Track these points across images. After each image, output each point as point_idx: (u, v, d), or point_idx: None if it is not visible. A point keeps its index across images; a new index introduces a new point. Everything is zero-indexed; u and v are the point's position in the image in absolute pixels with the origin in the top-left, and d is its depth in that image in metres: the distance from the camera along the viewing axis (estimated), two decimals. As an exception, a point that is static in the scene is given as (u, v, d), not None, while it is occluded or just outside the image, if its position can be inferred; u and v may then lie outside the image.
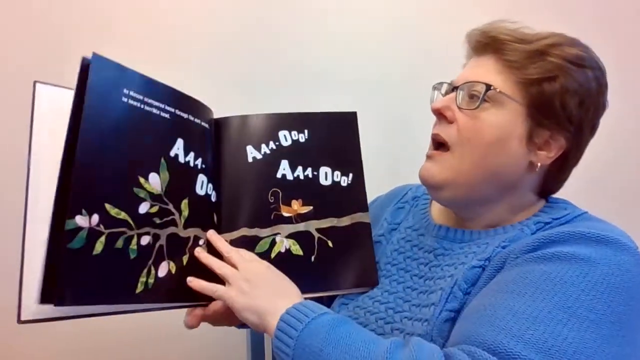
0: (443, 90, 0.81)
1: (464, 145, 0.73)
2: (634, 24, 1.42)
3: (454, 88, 0.76)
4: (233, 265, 0.74)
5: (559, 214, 0.73)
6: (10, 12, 1.08)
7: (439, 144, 0.77)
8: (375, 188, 0.89)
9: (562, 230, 0.65)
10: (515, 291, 0.59)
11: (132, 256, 0.66)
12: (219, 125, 0.85)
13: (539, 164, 0.73)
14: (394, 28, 1.32)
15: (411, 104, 1.30)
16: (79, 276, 0.60)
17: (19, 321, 0.58)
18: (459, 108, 0.74)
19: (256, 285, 0.70)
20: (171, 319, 1.11)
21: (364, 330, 0.64)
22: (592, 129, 0.75)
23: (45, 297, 0.58)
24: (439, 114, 0.76)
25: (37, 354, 1.12)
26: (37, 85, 0.65)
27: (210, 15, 1.21)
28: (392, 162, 1.26)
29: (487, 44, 0.74)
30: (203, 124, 0.81)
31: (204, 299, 0.74)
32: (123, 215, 0.66)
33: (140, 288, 0.67)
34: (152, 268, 0.69)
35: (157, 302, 0.69)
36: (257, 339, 1.12)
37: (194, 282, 0.73)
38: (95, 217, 0.62)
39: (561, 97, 0.69)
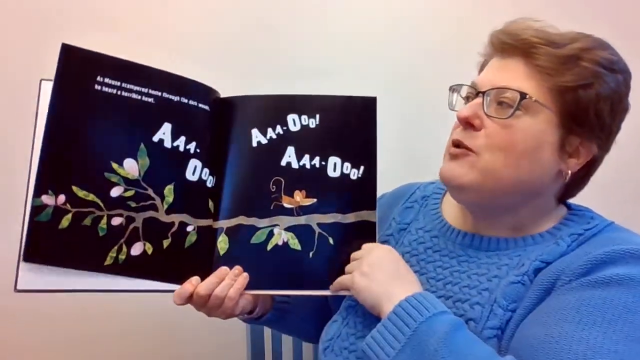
0: (463, 93, 0.75)
1: (494, 153, 0.67)
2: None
3: (478, 92, 0.70)
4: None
5: (588, 224, 0.70)
6: (10, 10, 1.07)
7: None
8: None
9: (609, 249, 0.62)
10: (583, 321, 0.57)
11: (101, 234, 0.70)
12: (225, 104, 0.79)
13: (569, 172, 0.69)
14: (396, 27, 1.28)
15: (414, 104, 1.28)
16: (46, 242, 0.67)
17: (16, 290, 0.66)
18: (487, 115, 0.68)
19: (377, 268, 0.70)
20: (171, 318, 1.12)
21: (481, 342, 0.61)
22: (617, 132, 0.71)
23: (25, 256, 0.66)
24: (467, 123, 0.69)
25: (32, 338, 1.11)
26: (43, 82, 0.70)
27: (210, 15, 1.19)
28: (391, 162, 1.23)
29: (515, 47, 0.68)
30: (200, 105, 0.77)
31: (180, 281, 0.72)
32: (92, 197, 0.70)
33: (109, 261, 0.70)
34: (124, 246, 0.71)
35: (126, 275, 0.71)
36: (257, 338, 1.09)
37: (333, 285, 0.74)
38: (62, 197, 0.68)
39: (596, 104, 0.66)
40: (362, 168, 0.79)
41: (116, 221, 0.71)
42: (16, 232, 0.67)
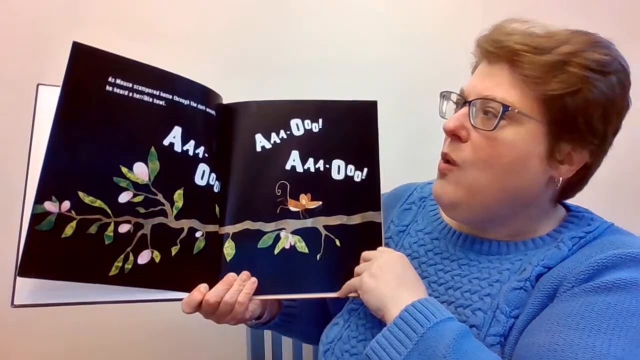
0: (454, 98, 0.73)
1: (478, 166, 0.66)
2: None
3: (465, 102, 0.68)
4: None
5: (589, 225, 0.69)
6: (7, 16, 1.05)
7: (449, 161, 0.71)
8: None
9: (611, 253, 0.61)
10: (587, 327, 0.56)
11: (107, 242, 0.66)
12: (228, 111, 0.79)
13: (560, 179, 0.68)
14: (397, 28, 1.27)
15: (416, 104, 1.27)
16: (45, 254, 0.62)
17: (13, 305, 0.62)
18: (473, 126, 0.66)
19: (387, 271, 0.69)
20: (171, 319, 1.11)
21: (487, 350, 0.61)
22: (615, 132, 0.68)
23: (22, 270, 0.61)
24: (453, 135, 0.68)
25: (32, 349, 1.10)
26: (40, 87, 0.68)
27: (210, 14, 1.17)
28: (394, 163, 1.22)
29: (499, 55, 0.66)
30: (208, 110, 0.76)
31: (188, 289, 0.70)
32: (99, 203, 0.66)
33: (114, 271, 0.66)
34: (131, 255, 0.68)
35: (132, 285, 0.68)
36: (257, 339, 1.08)
37: (342, 289, 0.74)
38: (67, 204, 0.64)
39: (585, 111, 0.63)
40: (365, 170, 0.79)
41: (124, 228, 0.67)
42: (14, 240, 0.63)
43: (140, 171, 0.69)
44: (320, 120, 0.79)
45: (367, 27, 1.25)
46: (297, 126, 0.79)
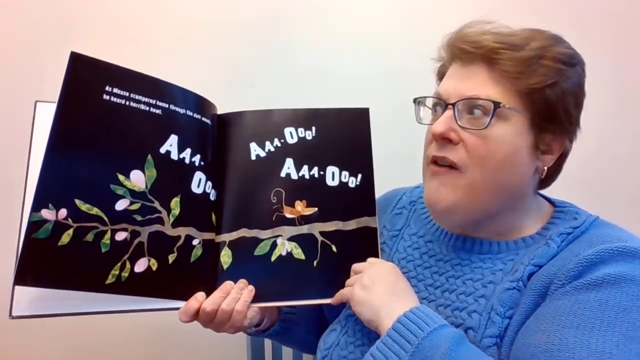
0: (429, 103, 0.72)
1: (476, 166, 0.66)
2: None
3: (447, 104, 0.67)
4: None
5: (576, 221, 0.69)
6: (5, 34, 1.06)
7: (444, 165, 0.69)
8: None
9: (598, 249, 0.61)
10: (582, 325, 0.57)
11: (104, 250, 0.65)
12: (223, 121, 0.79)
13: (545, 168, 0.69)
14: (396, 29, 1.26)
15: (412, 109, 1.25)
16: (41, 262, 0.61)
17: (11, 316, 0.61)
18: (462, 127, 0.66)
19: (378, 282, 0.68)
20: (171, 321, 1.09)
21: (483, 355, 0.60)
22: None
23: (19, 279, 0.60)
24: (443, 138, 0.67)
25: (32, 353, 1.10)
26: (38, 104, 0.68)
27: (216, 10, 1.17)
28: (391, 166, 1.21)
29: (476, 54, 0.66)
30: (204, 119, 0.76)
31: (185, 298, 0.70)
32: (95, 211, 0.65)
33: (111, 280, 0.65)
34: (128, 263, 0.66)
35: (129, 294, 0.67)
36: (257, 341, 1.08)
37: (335, 298, 0.73)
38: (63, 212, 0.63)
39: (562, 101, 0.65)
40: (359, 176, 0.79)
41: (120, 236, 0.66)
42: (13, 252, 0.62)
43: (137, 179, 0.68)
44: (314, 128, 0.79)
45: (364, 34, 1.24)
46: (291, 134, 0.79)
